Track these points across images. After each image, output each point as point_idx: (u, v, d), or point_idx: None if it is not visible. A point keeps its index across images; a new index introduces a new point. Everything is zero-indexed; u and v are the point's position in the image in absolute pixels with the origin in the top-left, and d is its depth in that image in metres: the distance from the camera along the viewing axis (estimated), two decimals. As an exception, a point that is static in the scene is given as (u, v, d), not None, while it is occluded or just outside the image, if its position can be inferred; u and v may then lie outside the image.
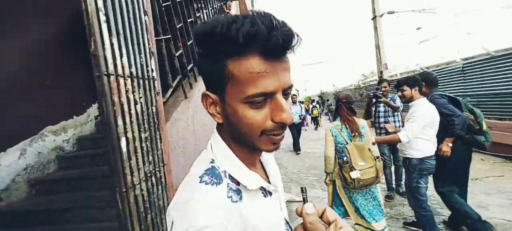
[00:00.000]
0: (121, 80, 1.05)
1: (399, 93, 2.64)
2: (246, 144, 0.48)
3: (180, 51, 1.64)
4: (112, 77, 1.03)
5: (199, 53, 0.49)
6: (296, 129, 7.69)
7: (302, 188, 0.49)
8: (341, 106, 2.46)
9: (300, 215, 0.43)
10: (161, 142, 1.18)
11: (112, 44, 1.05)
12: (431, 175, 2.54)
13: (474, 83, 6.10)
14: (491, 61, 5.53)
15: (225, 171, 0.49)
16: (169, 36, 1.45)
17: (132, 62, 1.08)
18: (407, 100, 2.62)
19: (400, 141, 2.44)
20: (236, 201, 0.46)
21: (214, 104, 0.49)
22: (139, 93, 1.05)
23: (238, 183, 0.48)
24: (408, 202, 2.72)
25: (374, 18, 12.17)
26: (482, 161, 5.22)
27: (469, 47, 8.95)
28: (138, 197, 1.04)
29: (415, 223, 2.86)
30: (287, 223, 0.57)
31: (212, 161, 0.50)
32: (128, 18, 1.10)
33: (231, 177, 0.48)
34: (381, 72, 12.08)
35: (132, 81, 1.06)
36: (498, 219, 2.95)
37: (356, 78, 19.23)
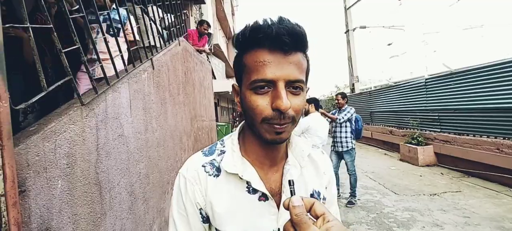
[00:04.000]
0: None
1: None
2: (254, 132, 0.54)
3: (77, 46, 1.33)
4: None
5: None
6: None
7: (289, 180, 0.46)
8: None
9: (287, 208, 0.40)
10: (-2, 164, 0.86)
11: None
12: None
13: (435, 98, 6.25)
14: (452, 78, 5.69)
15: (224, 151, 0.59)
16: (51, 26, 1.14)
17: None
18: (305, 113, 3.80)
19: None
20: (208, 172, 0.57)
21: (237, 94, 0.58)
22: None
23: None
24: None
25: (347, 32, 12.47)
26: (442, 175, 5.27)
27: (435, 64, 9.35)
28: None
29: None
30: None
31: (222, 141, 0.62)
32: None
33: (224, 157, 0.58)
34: (353, 84, 12.33)
35: None
36: (452, 239, 2.87)
37: (330, 89, 19.77)
